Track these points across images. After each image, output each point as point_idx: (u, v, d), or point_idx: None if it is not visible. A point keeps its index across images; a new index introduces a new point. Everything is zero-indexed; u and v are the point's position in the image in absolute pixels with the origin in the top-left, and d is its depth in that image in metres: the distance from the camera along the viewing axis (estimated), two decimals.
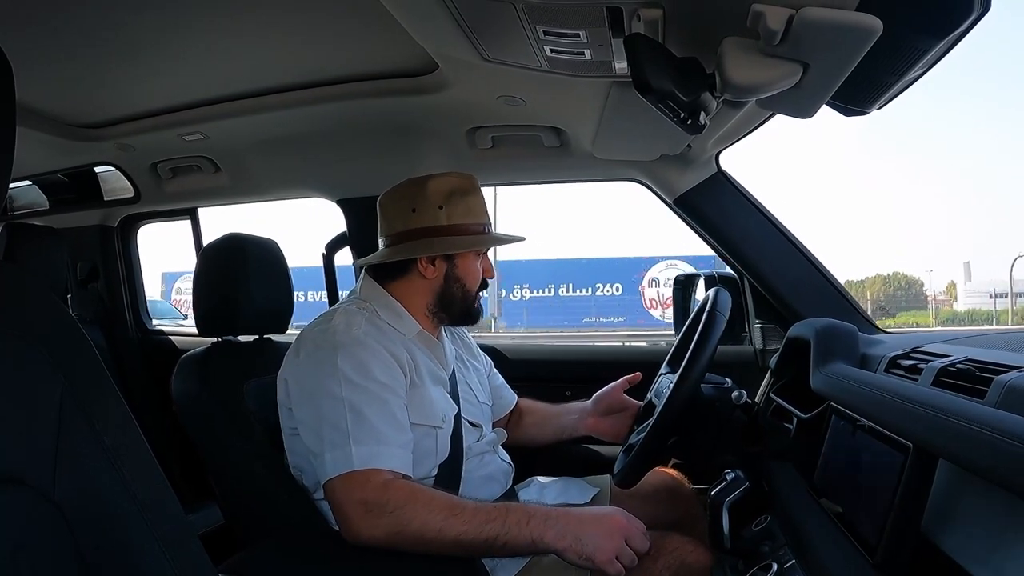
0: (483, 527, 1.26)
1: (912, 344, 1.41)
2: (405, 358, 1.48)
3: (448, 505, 1.29)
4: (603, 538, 1.27)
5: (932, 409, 0.93)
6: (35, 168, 2.87)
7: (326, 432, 1.33)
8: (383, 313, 1.55)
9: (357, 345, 1.41)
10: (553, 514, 1.30)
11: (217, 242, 1.77)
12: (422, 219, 1.56)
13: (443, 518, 1.26)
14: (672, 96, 1.13)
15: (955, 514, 0.99)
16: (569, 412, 1.92)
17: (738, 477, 1.43)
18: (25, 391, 0.69)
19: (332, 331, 1.44)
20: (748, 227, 2.15)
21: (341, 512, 1.30)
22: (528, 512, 1.30)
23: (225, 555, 1.28)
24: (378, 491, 1.29)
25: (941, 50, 1.10)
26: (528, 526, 1.27)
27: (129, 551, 0.72)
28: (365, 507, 1.27)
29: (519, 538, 1.27)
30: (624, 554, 1.27)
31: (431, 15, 1.29)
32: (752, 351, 2.35)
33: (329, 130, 2.27)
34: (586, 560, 1.27)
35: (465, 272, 1.61)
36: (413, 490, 1.32)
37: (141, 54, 1.85)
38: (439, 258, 1.58)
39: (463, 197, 1.59)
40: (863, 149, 72.50)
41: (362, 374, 1.37)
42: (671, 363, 1.84)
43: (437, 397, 1.54)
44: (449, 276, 1.60)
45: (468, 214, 1.58)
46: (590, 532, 1.27)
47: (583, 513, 1.32)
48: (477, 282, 1.64)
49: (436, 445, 1.48)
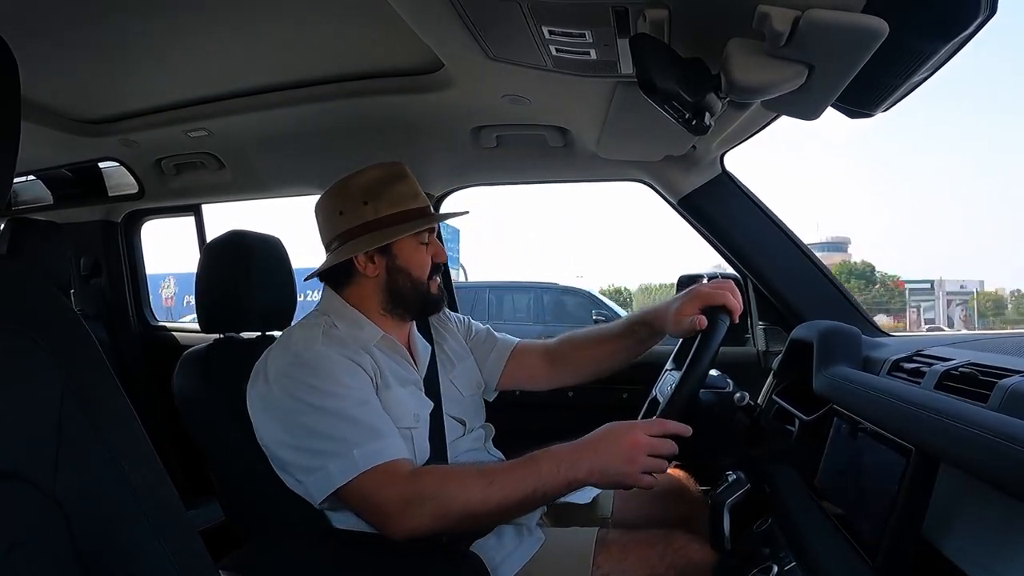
0: (521, 486, 1.27)
1: (915, 347, 1.40)
2: (369, 363, 1.45)
3: (480, 474, 1.29)
4: (625, 463, 1.26)
5: (934, 413, 0.93)
6: (39, 163, 2.87)
7: (321, 445, 1.31)
8: (341, 323, 1.52)
9: (320, 359, 1.38)
10: (577, 454, 1.29)
11: (220, 239, 1.77)
12: (351, 219, 1.52)
13: (481, 489, 1.26)
14: (677, 97, 1.13)
15: (957, 518, 0.99)
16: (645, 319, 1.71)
17: (739, 479, 1.43)
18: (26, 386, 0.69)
19: (294, 350, 1.41)
20: (752, 229, 2.15)
21: (379, 512, 1.29)
22: (556, 458, 1.29)
23: (226, 551, 1.28)
24: (410, 483, 1.28)
25: (947, 53, 1.10)
26: (560, 473, 1.27)
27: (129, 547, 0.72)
28: (404, 502, 1.26)
29: (555, 485, 1.28)
30: (651, 465, 1.27)
31: (436, 13, 1.29)
32: (755, 353, 2.36)
33: (333, 128, 2.27)
34: (617, 486, 1.34)
35: (407, 261, 1.55)
36: (442, 472, 1.34)
37: (146, 50, 1.85)
38: (377, 254, 1.53)
39: (388, 186, 1.54)
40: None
41: (334, 383, 1.35)
42: (676, 360, 1.84)
43: (406, 398, 1.50)
44: (392, 269, 1.54)
45: (396, 202, 1.53)
46: (611, 462, 1.27)
47: (601, 443, 1.30)
48: (425, 268, 1.57)
49: (413, 446, 1.45)
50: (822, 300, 2.09)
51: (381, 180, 1.54)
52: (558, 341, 1.86)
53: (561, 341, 1.85)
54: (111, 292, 3.39)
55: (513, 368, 1.82)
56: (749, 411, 1.58)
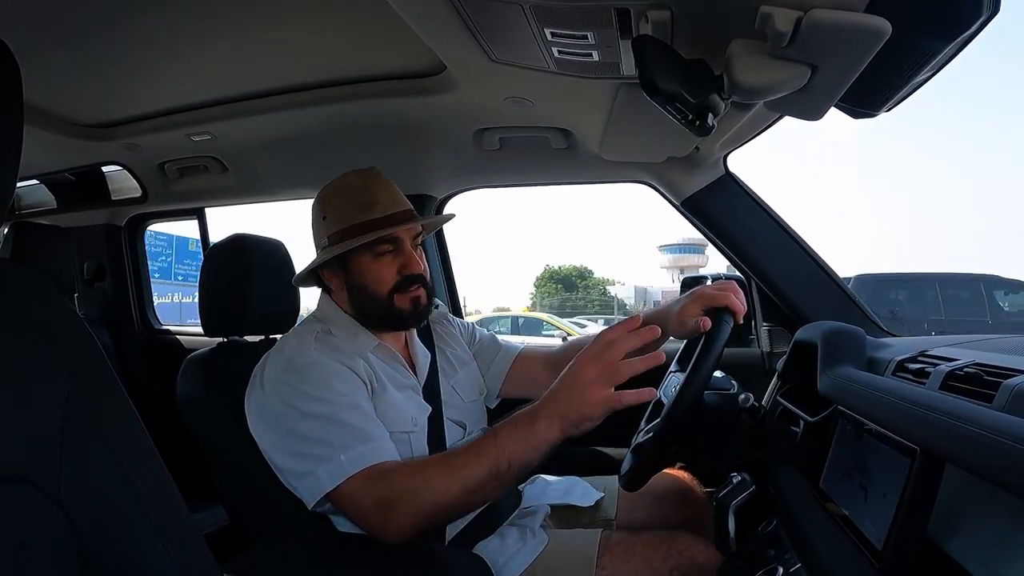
0: (480, 460, 1.20)
1: (920, 347, 1.40)
2: (363, 368, 1.44)
3: (438, 460, 1.26)
4: (584, 402, 1.18)
5: (939, 413, 0.93)
6: (42, 167, 2.88)
7: (310, 449, 1.30)
8: (336, 330, 1.52)
9: (311, 365, 1.38)
10: (533, 409, 1.22)
11: (223, 242, 1.77)
12: (318, 235, 1.53)
13: (443, 476, 1.21)
14: (680, 98, 1.13)
15: (962, 519, 0.98)
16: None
17: (744, 480, 1.43)
18: (29, 389, 0.69)
19: (286, 356, 1.41)
20: (756, 230, 2.15)
21: (364, 520, 1.27)
22: (512, 421, 1.22)
23: (230, 555, 1.28)
24: (381, 483, 1.26)
25: (950, 52, 1.10)
26: (518, 432, 1.20)
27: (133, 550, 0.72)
28: (380, 505, 1.24)
29: (518, 449, 1.20)
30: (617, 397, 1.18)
31: (438, 16, 1.29)
32: (759, 354, 2.35)
33: (336, 131, 2.27)
34: (584, 428, 1.20)
35: (362, 275, 1.51)
36: (409, 467, 1.28)
37: (149, 54, 1.86)
38: (336, 269, 1.53)
39: (340, 196, 1.53)
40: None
41: (324, 388, 1.35)
42: (680, 362, 1.84)
43: (403, 402, 1.50)
44: (350, 285, 1.53)
45: (347, 213, 1.50)
46: (570, 402, 1.19)
47: (556, 388, 1.22)
48: (384, 282, 1.51)
49: (412, 450, 1.45)
50: (826, 301, 2.09)
51: (337, 190, 1.54)
52: (561, 348, 1.86)
53: (563, 348, 1.86)
54: (114, 296, 3.40)
55: (516, 374, 1.82)
56: (753, 412, 1.58)
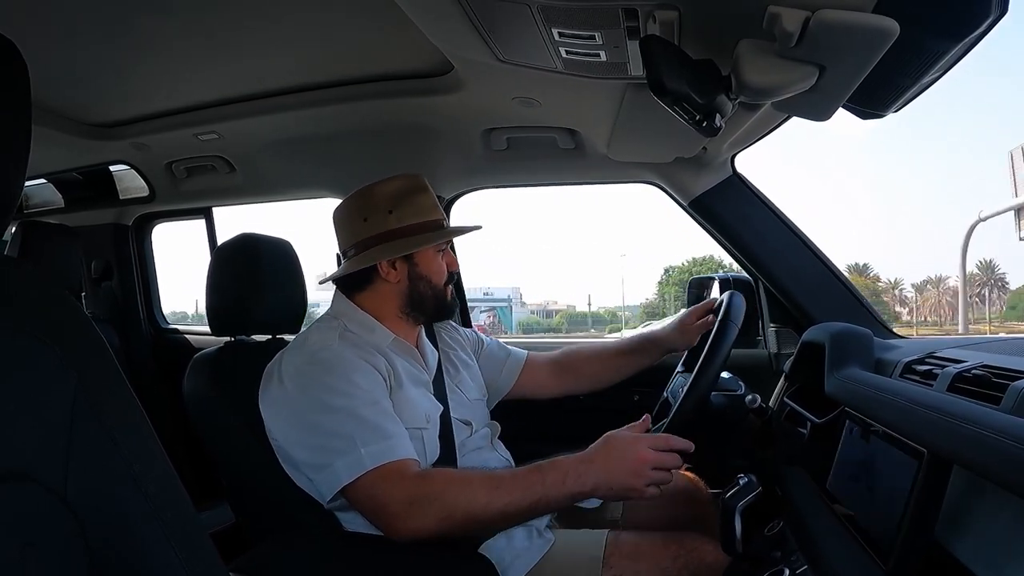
0: (525, 494, 1.29)
1: (927, 349, 1.40)
2: (383, 364, 1.48)
3: (486, 480, 1.32)
4: (631, 477, 1.30)
5: (947, 415, 0.92)
6: (50, 166, 2.90)
7: (329, 442, 1.33)
8: (353, 327, 1.55)
9: (336, 359, 1.41)
10: (583, 467, 1.32)
11: (230, 242, 1.77)
12: (375, 226, 1.57)
13: (486, 494, 1.28)
14: (687, 98, 1.12)
15: (969, 521, 0.98)
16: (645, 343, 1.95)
17: (751, 481, 1.42)
18: (37, 389, 0.69)
19: (310, 350, 1.45)
20: (763, 230, 2.15)
21: (384, 512, 1.30)
22: (562, 470, 1.31)
23: (236, 554, 1.29)
24: (416, 483, 1.30)
25: (958, 53, 1.09)
26: (565, 485, 1.30)
27: (140, 549, 0.72)
28: (408, 502, 1.28)
29: (559, 496, 1.31)
30: (657, 478, 1.31)
31: (446, 16, 1.29)
32: (766, 355, 2.35)
33: (344, 131, 2.28)
34: (622, 498, 1.42)
35: (428, 269, 1.61)
36: (448, 475, 1.36)
37: (157, 54, 1.87)
38: (399, 260, 1.58)
39: (411, 197, 1.59)
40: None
41: (347, 383, 1.38)
42: (687, 363, 1.83)
43: (419, 399, 1.54)
44: (413, 276, 1.60)
45: (419, 213, 1.58)
46: (618, 476, 1.30)
47: (608, 458, 1.33)
48: (443, 276, 1.64)
49: (424, 446, 1.48)
50: (834, 302, 2.09)
51: (405, 190, 1.59)
52: (563, 353, 2.00)
53: (568, 353, 1.99)
54: (122, 295, 3.40)
55: (525, 380, 1.93)
56: (760, 413, 1.58)
